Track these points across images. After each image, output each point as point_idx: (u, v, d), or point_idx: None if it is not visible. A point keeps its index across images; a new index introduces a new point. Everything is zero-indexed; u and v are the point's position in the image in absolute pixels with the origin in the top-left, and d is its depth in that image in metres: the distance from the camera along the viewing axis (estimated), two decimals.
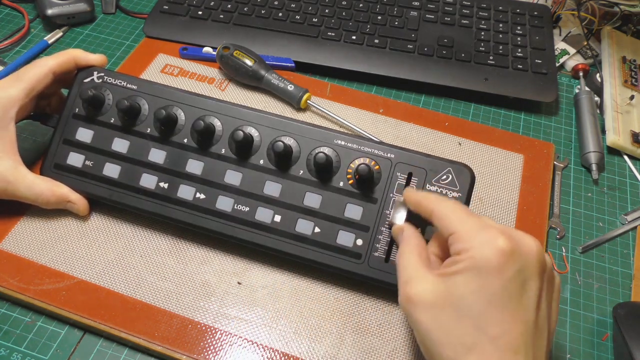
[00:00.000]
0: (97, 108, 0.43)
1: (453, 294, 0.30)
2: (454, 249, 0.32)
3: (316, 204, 0.40)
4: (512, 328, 0.29)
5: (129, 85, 0.44)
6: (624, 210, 0.49)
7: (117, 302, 0.39)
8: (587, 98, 0.56)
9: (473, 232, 0.31)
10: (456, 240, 0.32)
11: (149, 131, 0.42)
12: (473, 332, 0.29)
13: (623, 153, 0.54)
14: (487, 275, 0.30)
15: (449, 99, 0.57)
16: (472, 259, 0.30)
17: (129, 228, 0.43)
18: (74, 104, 0.44)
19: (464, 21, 0.62)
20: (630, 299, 0.43)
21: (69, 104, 0.44)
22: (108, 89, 0.44)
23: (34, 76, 0.42)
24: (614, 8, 0.65)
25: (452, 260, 0.32)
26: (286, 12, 0.61)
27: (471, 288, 0.30)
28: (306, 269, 0.41)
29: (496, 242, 0.30)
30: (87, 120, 0.44)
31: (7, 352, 0.38)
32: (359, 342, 0.38)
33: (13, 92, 0.42)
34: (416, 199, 0.37)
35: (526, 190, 0.48)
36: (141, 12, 0.65)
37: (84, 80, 0.44)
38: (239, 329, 0.39)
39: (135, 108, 0.42)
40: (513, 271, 0.30)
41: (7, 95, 0.41)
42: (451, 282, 0.30)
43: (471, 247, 0.31)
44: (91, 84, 0.44)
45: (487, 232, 0.31)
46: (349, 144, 0.40)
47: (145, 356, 0.38)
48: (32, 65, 0.43)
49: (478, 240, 0.31)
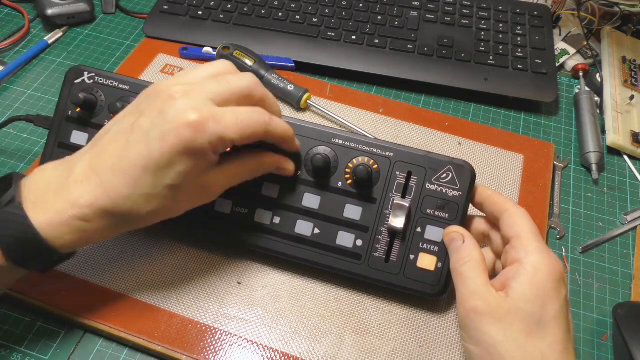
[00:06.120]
0: (89, 110, 0.42)
1: (520, 308, 0.32)
2: (513, 256, 0.34)
3: (315, 204, 0.40)
4: (569, 346, 0.32)
5: (121, 85, 0.42)
6: (624, 210, 0.49)
7: (117, 302, 0.39)
8: (587, 98, 0.56)
9: (537, 244, 0.34)
10: (519, 245, 0.34)
11: None
12: (542, 346, 0.31)
13: (623, 153, 0.54)
14: (549, 293, 0.32)
15: (449, 99, 0.57)
16: (534, 277, 0.32)
17: None
18: (67, 107, 0.42)
19: (464, 21, 0.62)
20: (630, 299, 0.43)
21: (60, 107, 0.42)
22: (100, 89, 0.42)
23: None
24: (614, 8, 0.65)
25: (514, 271, 0.33)
26: (286, 12, 0.61)
27: (537, 304, 0.32)
28: (306, 269, 0.41)
29: (556, 264, 0.33)
30: (81, 123, 0.42)
31: (7, 352, 0.38)
32: (359, 342, 0.39)
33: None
34: (488, 195, 0.38)
35: (526, 190, 0.48)
36: (141, 12, 0.65)
37: (75, 81, 0.43)
38: (239, 329, 0.39)
39: None
40: (565, 292, 0.33)
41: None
42: (517, 297, 0.32)
43: (534, 261, 0.33)
44: (82, 85, 0.42)
45: (548, 252, 0.34)
46: (347, 142, 0.40)
47: (145, 356, 0.38)
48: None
49: (540, 256, 0.33)
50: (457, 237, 0.36)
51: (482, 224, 0.39)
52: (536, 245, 0.34)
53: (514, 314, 0.31)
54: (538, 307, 0.31)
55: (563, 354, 0.31)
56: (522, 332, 0.31)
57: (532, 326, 0.31)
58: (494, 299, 0.32)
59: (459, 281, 0.34)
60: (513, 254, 0.34)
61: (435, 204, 0.39)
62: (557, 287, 0.32)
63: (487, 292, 0.33)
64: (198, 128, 0.31)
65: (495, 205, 0.37)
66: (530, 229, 0.35)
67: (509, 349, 0.31)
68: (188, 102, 0.32)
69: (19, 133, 0.51)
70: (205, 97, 0.32)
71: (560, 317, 0.32)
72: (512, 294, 0.32)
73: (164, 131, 0.31)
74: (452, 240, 0.37)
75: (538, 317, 0.31)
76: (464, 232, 0.37)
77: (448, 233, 0.38)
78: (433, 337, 0.39)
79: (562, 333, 0.31)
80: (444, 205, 0.39)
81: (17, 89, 0.56)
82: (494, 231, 0.38)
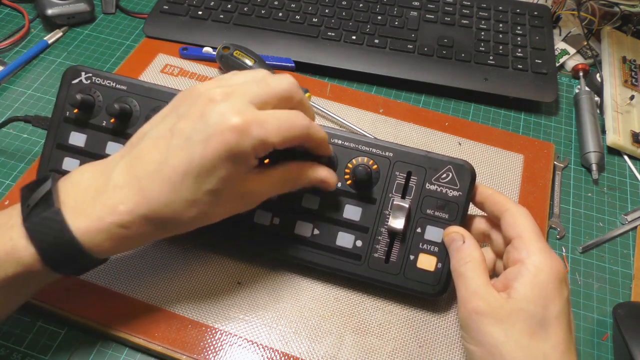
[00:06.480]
0: (87, 111, 0.42)
1: (522, 309, 0.32)
2: (514, 256, 0.34)
3: (314, 205, 0.40)
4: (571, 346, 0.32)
5: (119, 85, 0.42)
6: (624, 210, 0.49)
7: (117, 302, 0.39)
8: (587, 98, 0.56)
9: (539, 244, 0.34)
10: (521, 246, 0.34)
11: None
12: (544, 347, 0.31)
13: (623, 153, 0.54)
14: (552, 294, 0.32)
15: (449, 99, 0.57)
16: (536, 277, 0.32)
17: None
18: (64, 108, 0.42)
19: (464, 21, 0.62)
20: (630, 299, 0.43)
21: (58, 107, 0.42)
22: (97, 90, 0.42)
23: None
24: (614, 8, 0.65)
25: (516, 272, 0.33)
26: (286, 12, 0.61)
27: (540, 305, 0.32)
28: (306, 269, 0.41)
29: (558, 264, 0.33)
30: (79, 124, 0.42)
31: (7, 352, 0.38)
32: (359, 342, 0.39)
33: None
34: (489, 194, 0.38)
35: (526, 190, 0.48)
36: (141, 12, 0.65)
37: (72, 81, 0.42)
38: (239, 329, 0.39)
39: (126, 111, 0.41)
40: (567, 292, 0.33)
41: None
42: (519, 297, 0.32)
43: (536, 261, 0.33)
44: (79, 85, 0.42)
45: (550, 252, 0.34)
46: (347, 142, 0.40)
47: (145, 356, 0.38)
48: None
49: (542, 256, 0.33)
50: (457, 237, 0.36)
51: (483, 223, 0.39)
52: (538, 245, 0.34)
53: (515, 314, 0.31)
54: (540, 308, 0.32)
55: (565, 354, 0.31)
56: (524, 333, 0.31)
57: (534, 327, 0.31)
58: (495, 299, 0.32)
59: (460, 281, 0.34)
60: (515, 254, 0.34)
61: (435, 204, 0.39)
62: (559, 287, 0.32)
63: (488, 293, 0.33)
64: (242, 132, 0.30)
65: (496, 205, 0.37)
66: (532, 228, 0.35)
67: (511, 349, 0.31)
68: (230, 105, 0.31)
69: (18, 133, 0.51)
70: (246, 100, 0.32)
71: (562, 318, 0.32)
72: (514, 294, 0.32)
73: (206, 136, 0.30)
74: (452, 240, 0.37)
75: (540, 318, 0.31)
76: (464, 232, 0.37)
77: (448, 233, 0.37)
78: (433, 337, 0.39)
79: (564, 333, 0.31)
80: (444, 205, 0.39)
81: (17, 89, 0.56)
82: (495, 231, 0.38)
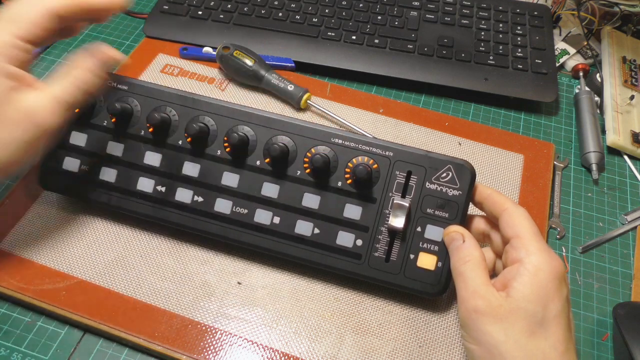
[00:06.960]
0: (88, 111, 0.42)
1: (521, 308, 0.32)
2: (513, 256, 0.34)
3: (315, 204, 0.40)
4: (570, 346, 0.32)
5: (120, 85, 0.42)
6: (624, 210, 0.49)
7: (117, 302, 0.39)
8: (587, 98, 0.56)
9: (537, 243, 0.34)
10: (520, 245, 0.34)
11: (142, 134, 0.41)
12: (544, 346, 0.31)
13: (623, 153, 0.54)
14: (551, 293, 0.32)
15: (449, 99, 0.57)
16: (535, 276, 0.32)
17: (129, 228, 0.43)
18: None
19: (464, 21, 0.62)
20: (630, 299, 0.43)
21: None
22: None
23: (31, 17, 0.32)
24: (614, 8, 0.65)
25: (515, 271, 0.33)
26: (286, 12, 0.61)
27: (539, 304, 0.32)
28: (306, 269, 0.41)
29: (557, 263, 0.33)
30: (79, 123, 0.42)
31: (7, 352, 0.38)
32: (359, 342, 0.38)
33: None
34: (488, 194, 0.38)
35: (526, 190, 0.48)
36: (141, 12, 0.65)
37: None
38: (239, 329, 0.39)
39: (127, 111, 0.41)
40: (567, 291, 0.33)
41: None
42: (518, 297, 0.32)
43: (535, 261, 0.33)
44: None
45: (549, 252, 0.34)
46: (347, 142, 0.40)
47: (145, 356, 0.38)
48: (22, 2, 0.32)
49: (541, 255, 0.33)
50: (457, 236, 0.36)
51: (482, 223, 0.39)
52: (537, 245, 0.34)
53: (515, 313, 0.31)
54: (539, 307, 0.32)
55: (564, 354, 0.31)
56: (523, 332, 0.31)
57: (533, 326, 0.31)
58: (495, 298, 0.32)
59: (460, 281, 0.34)
60: (513, 254, 0.34)
61: (435, 204, 0.39)
62: (558, 286, 0.32)
63: (487, 292, 0.33)
64: None
65: (495, 204, 0.37)
66: (530, 228, 0.35)
67: (510, 348, 0.31)
68: None
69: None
70: None
71: (561, 317, 0.32)
72: (513, 293, 0.32)
73: None
74: (452, 239, 0.37)
75: (539, 317, 0.31)
76: (464, 231, 0.37)
77: (448, 232, 0.37)
78: (433, 337, 0.39)
79: (563, 332, 0.31)
80: (444, 204, 0.39)
81: None
82: (494, 230, 0.38)
